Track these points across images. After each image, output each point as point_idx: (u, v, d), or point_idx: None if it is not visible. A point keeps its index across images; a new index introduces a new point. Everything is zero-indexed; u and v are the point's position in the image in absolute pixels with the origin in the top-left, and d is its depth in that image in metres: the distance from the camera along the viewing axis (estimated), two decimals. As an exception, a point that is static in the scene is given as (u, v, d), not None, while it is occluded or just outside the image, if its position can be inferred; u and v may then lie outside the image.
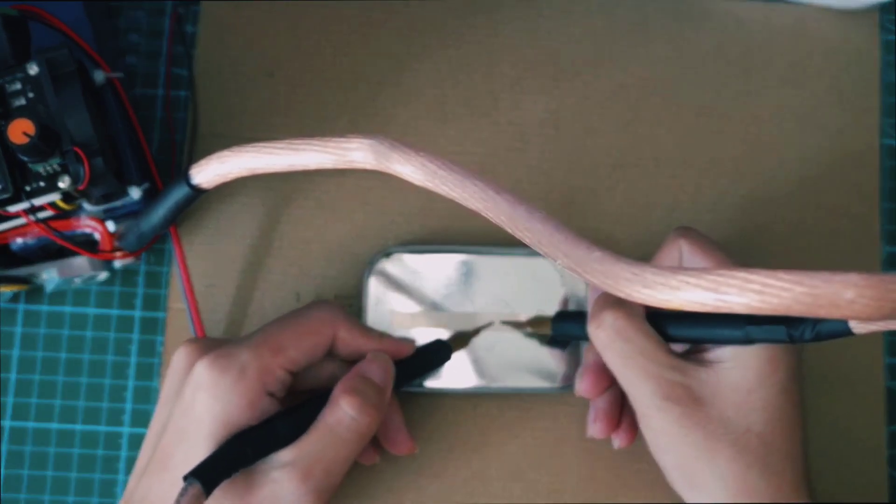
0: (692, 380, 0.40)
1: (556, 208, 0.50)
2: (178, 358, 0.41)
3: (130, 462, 0.47)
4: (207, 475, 0.36)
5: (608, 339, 0.41)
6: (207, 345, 0.41)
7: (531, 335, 0.47)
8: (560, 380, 0.47)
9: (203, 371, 0.39)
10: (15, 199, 0.39)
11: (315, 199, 0.50)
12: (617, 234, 0.50)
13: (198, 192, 0.41)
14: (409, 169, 0.36)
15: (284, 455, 0.39)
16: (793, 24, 0.51)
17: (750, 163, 0.51)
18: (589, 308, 0.43)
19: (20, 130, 0.38)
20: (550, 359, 0.47)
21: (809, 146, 0.50)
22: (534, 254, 0.41)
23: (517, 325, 0.47)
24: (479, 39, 0.51)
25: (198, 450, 0.38)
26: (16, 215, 0.41)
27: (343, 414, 0.40)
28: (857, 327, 0.35)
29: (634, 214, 0.50)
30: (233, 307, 0.49)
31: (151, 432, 0.41)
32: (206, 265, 0.49)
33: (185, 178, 0.41)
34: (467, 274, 0.47)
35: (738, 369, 0.39)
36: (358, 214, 0.50)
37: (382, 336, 0.45)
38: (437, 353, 0.46)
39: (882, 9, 0.52)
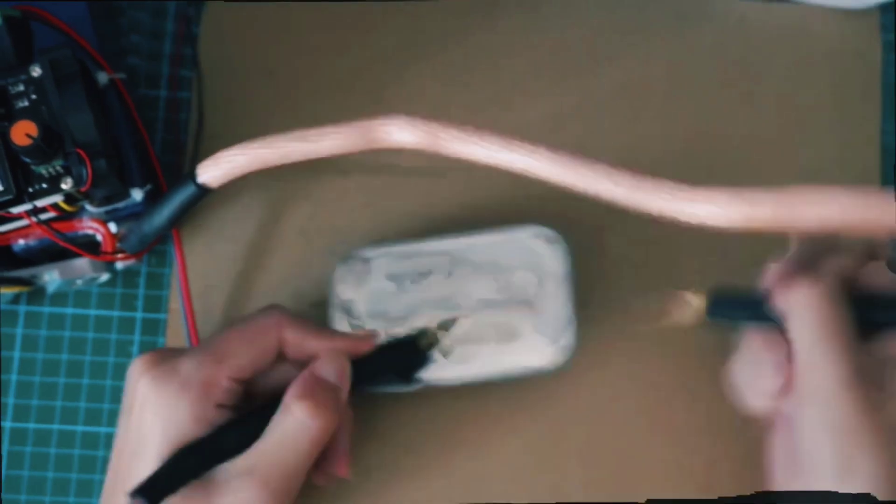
0: (883, 367, 0.38)
1: (555, 208, 0.50)
2: (130, 373, 0.41)
3: (132, 463, 0.47)
4: (152, 492, 0.37)
5: (806, 308, 0.38)
6: (157, 358, 0.40)
7: (514, 317, 0.44)
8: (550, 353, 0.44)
9: (147, 387, 0.39)
10: (17, 201, 0.39)
11: (315, 200, 0.50)
12: (617, 235, 0.50)
13: (204, 191, 0.41)
14: (451, 136, 0.37)
15: (242, 463, 0.38)
16: (793, 24, 0.51)
17: (750, 163, 0.51)
18: (767, 282, 0.41)
19: (23, 132, 0.38)
20: (537, 336, 0.44)
21: (809, 146, 0.51)
22: (506, 231, 0.44)
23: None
24: (480, 40, 0.51)
25: (147, 467, 0.38)
26: (18, 217, 0.41)
27: (294, 419, 0.39)
28: None
29: (635, 215, 0.50)
30: (233, 308, 0.49)
31: (113, 452, 0.41)
32: (206, 266, 0.49)
33: (192, 176, 0.40)
34: (438, 264, 0.46)
35: None
36: (358, 214, 0.50)
37: (336, 334, 0.44)
38: (405, 348, 0.44)
39: (882, 9, 0.52)
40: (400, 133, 0.38)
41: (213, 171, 0.40)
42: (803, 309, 0.38)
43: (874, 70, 0.52)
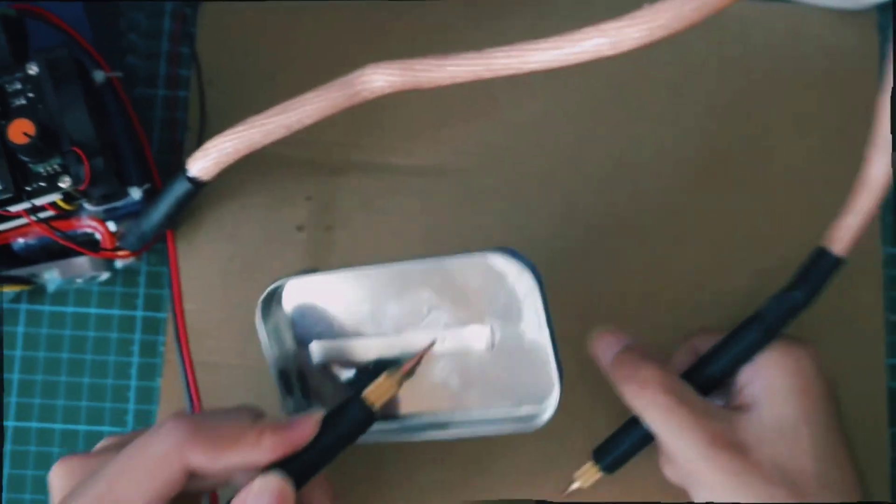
0: (736, 426, 0.38)
1: (556, 208, 0.50)
2: (50, 483, 0.37)
3: (132, 461, 0.47)
4: None
5: (652, 396, 0.39)
6: (71, 476, 0.36)
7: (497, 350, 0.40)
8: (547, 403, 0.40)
9: None
10: (16, 200, 0.40)
11: (314, 199, 0.50)
12: (616, 235, 0.50)
13: (197, 185, 0.41)
14: (427, 65, 0.37)
15: None
16: (792, 24, 0.51)
17: (749, 163, 0.51)
18: (615, 375, 0.41)
19: (20, 131, 0.38)
20: (529, 373, 0.40)
21: (808, 146, 0.50)
22: (466, 256, 0.38)
23: None
24: (480, 40, 0.51)
25: None
26: (17, 215, 0.41)
27: None
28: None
29: (634, 214, 0.50)
30: (233, 307, 0.49)
31: None
32: (206, 265, 0.49)
33: (183, 171, 0.41)
34: (388, 290, 0.40)
35: (776, 406, 0.39)
36: (357, 214, 0.50)
37: (262, 434, 0.35)
38: (352, 413, 0.37)
39: (880, 9, 0.52)
40: (379, 79, 0.38)
41: (202, 162, 0.40)
42: (650, 395, 0.39)
43: (872, 70, 0.51)
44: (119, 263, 0.47)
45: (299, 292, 0.42)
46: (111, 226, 0.44)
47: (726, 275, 0.49)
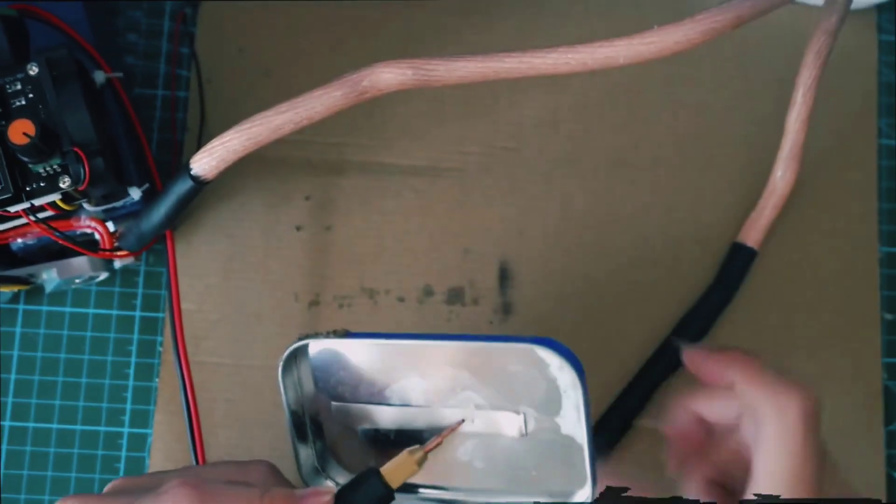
0: None
1: (555, 208, 0.50)
2: None
3: (130, 462, 0.47)
4: None
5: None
6: None
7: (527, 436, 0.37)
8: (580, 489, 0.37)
9: None
10: (15, 199, 0.39)
11: (313, 199, 0.50)
12: (615, 235, 0.50)
13: (200, 184, 0.40)
14: (435, 65, 0.37)
15: None
16: (791, 24, 0.51)
17: (748, 162, 0.51)
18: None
19: (20, 131, 0.38)
20: (559, 466, 0.38)
21: (808, 146, 0.51)
22: (496, 340, 0.36)
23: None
24: (478, 39, 0.51)
25: None
26: (16, 215, 0.41)
27: None
28: None
29: (633, 214, 0.50)
30: (231, 307, 0.49)
31: None
32: (205, 265, 0.49)
33: (186, 169, 0.40)
34: (421, 363, 0.38)
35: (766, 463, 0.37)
36: (356, 214, 0.50)
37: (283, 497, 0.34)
38: (370, 491, 0.35)
39: (880, 9, 0.52)
40: (387, 77, 0.38)
41: (206, 160, 0.40)
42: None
43: (871, 70, 0.52)
44: (118, 264, 0.47)
45: (327, 350, 0.39)
46: (110, 226, 0.44)
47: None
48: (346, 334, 0.38)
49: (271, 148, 0.41)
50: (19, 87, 0.39)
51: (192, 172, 0.40)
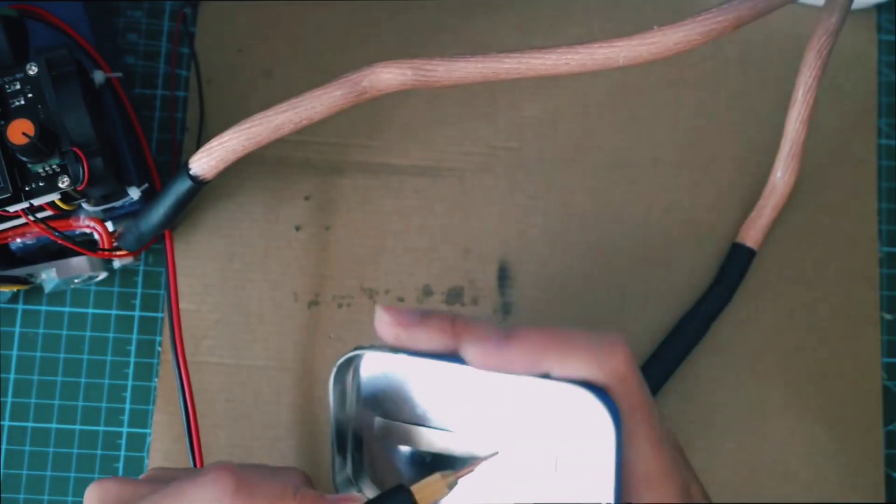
0: None
1: (554, 208, 0.50)
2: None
3: (129, 462, 0.47)
4: None
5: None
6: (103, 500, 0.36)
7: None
8: None
9: None
10: (14, 199, 0.39)
11: (313, 199, 0.50)
12: (615, 235, 0.50)
13: (199, 184, 0.40)
14: (436, 64, 0.37)
15: None
16: (791, 24, 0.51)
17: (748, 162, 0.51)
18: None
19: (19, 131, 0.38)
20: None
21: (808, 146, 0.51)
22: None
23: None
24: (478, 39, 0.51)
25: None
26: (15, 215, 0.41)
27: None
28: None
29: (633, 214, 0.50)
30: (231, 307, 0.49)
31: None
32: (204, 265, 0.49)
33: (185, 169, 0.40)
34: (467, 390, 0.37)
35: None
36: (356, 214, 0.50)
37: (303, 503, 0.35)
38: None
39: (880, 9, 0.52)
40: (388, 77, 0.38)
41: (205, 160, 0.40)
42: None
43: (871, 70, 0.52)
44: (117, 263, 0.47)
45: (377, 364, 0.38)
46: (109, 226, 0.44)
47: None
48: (399, 350, 0.37)
49: (271, 148, 0.41)
50: (19, 86, 0.39)
51: (191, 172, 0.40)
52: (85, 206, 0.43)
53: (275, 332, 0.48)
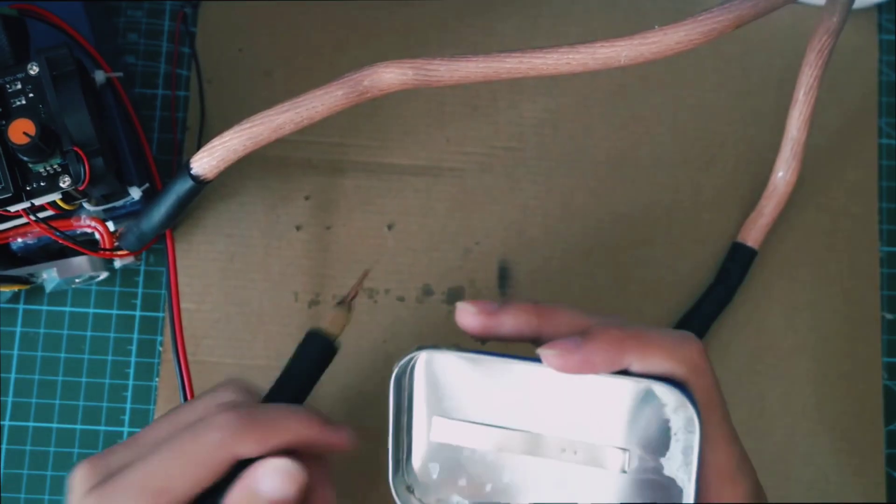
0: None
1: (555, 208, 0.50)
2: (71, 484, 0.37)
3: (130, 461, 0.47)
4: None
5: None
6: (97, 473, 0.36)
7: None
8: None
9: None
10: (15, 199, 0.39)
11: (313, 199, 0.50)
12: (616, 235, 0.50)
13: (201, 183, 0.40)
14: (437, 64, 0.37)
15: None
16: (791, 24, 0.51)
17: (748, 162, 0.51)
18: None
19: (20, 130, 0.38)
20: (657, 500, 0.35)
21: (808, 146, 0.51)
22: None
23: None
24: (478, 39, 0.51)
25: None
26: (16, 215, 0.41)
27: None
28: None
29: (633, 214, 0.50)
30: (232, 306, 0.49)
31: None
32: (205, 264, 0.49)
33: (187, 169, 0.40)
34: (529, 384, 0.36)
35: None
36: (356, 214, 0.50)
37: (314, 420, 0.37)
38: (317, 350, 0.40)
39: (881, 8, 0.52)
40: (389, 76, 0.38)
41: (206, 160, 0.40)
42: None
43: (872, 70, 0.52)
44: (118, 263, 0.47)
45: (439, 363, 0.37)
46: (110, 225, 0.44)
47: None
48: (458, 348, 0.37)
49: (272, 147, 0.41)
50: (19, 86, 0.39)
51: (192, 172, 0.40)
52: (86, 205, 0.43)
53: (275, 331, 0.48)
